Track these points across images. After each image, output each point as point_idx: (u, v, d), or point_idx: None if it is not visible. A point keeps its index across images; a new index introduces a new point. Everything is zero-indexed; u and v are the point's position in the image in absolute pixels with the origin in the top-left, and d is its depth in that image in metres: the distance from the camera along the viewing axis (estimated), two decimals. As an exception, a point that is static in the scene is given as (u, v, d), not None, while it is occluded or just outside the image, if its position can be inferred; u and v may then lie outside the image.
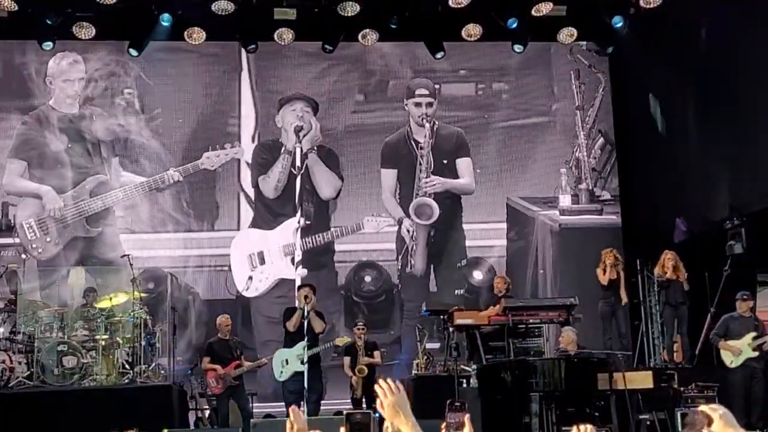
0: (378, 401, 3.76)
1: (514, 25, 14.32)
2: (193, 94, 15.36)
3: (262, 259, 14.91)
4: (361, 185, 15.46)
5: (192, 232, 15.00)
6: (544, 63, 15.91)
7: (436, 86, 15.76)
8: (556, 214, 15.57)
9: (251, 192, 15.22)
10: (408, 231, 15.25)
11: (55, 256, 14.46)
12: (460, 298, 14.66)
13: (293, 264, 14.46)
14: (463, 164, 15.62)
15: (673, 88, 13.97)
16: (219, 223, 15.17)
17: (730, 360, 11.01)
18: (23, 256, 14.14)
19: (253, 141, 15.39)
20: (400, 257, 15.29)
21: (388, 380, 3.81)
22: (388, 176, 15.50)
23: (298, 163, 11.94)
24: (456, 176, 15.59)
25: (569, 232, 15.49)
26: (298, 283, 13.62)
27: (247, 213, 15.25)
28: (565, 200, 15.67)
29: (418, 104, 15.60)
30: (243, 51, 15.23)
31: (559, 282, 15.24)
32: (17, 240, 14.37)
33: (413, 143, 15.55)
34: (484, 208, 15.59)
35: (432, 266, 15.30)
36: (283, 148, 15.06)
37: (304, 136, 14.70)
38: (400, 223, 15.25)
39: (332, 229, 15.13)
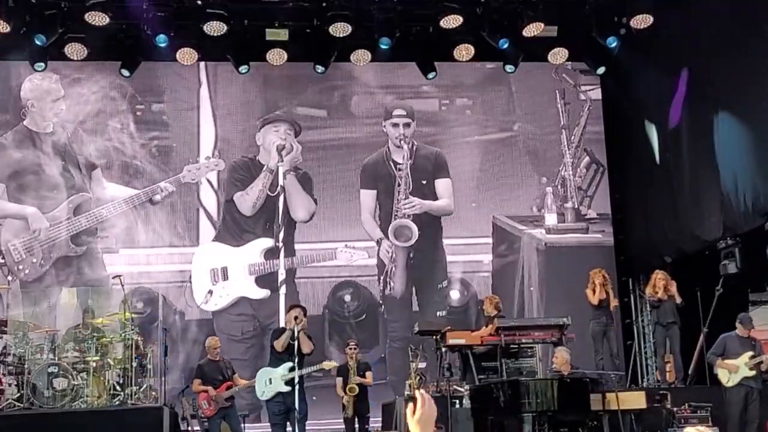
0: (409, 410, 3.78)
1: (506, 46, 14.37)
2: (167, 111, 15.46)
3: (225, 275, 14.88)
4: (328, 204, 15.39)
5: (171, 247, 14.96)
6: (508, 79, 15.89)
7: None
8: (542, 233, 15.59)
9: (213, 208, 15.17)
10: (387, 252, 15.25)
11: (42, 277, 14.39)
12: (442, 320, 14.56)
13: (257, 284, 14.66)
14: (442, 185, 15.65)
15: (665, 106, 14.01)
16: (179, 239, 15.09)
17: (726, 378, 10.99)
18: (9, 278, 14.08)
19: (213, 157, 15.30)
20: (381, 278, 15.28)
21: (422, 391, 3.84)
22: (368, 197, 15.49)
23: (280, 182, 11.96)
24: (435, 197, 15.61)
25: (555, 250, 15.52)
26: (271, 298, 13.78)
27: (206, 228, 15.17)
28: (551, 219, 15.70)
29: (395, 125, 15.65)
30: (202, 65, 15.25)
31: (545, 301, 15.24)
32: (1, 262, 14.30)
33: (392, 164, 15.56)
34: (463, 225, 15.58)
35: (414, 288, 15.28)
36: (265, 167, 15.07)
37: (286, 155, 14.82)
38: (378, 244, 15.25)
39: (301, 255, 15.06)
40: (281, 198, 11.86)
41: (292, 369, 10.91)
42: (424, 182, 15.57)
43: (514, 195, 15.77)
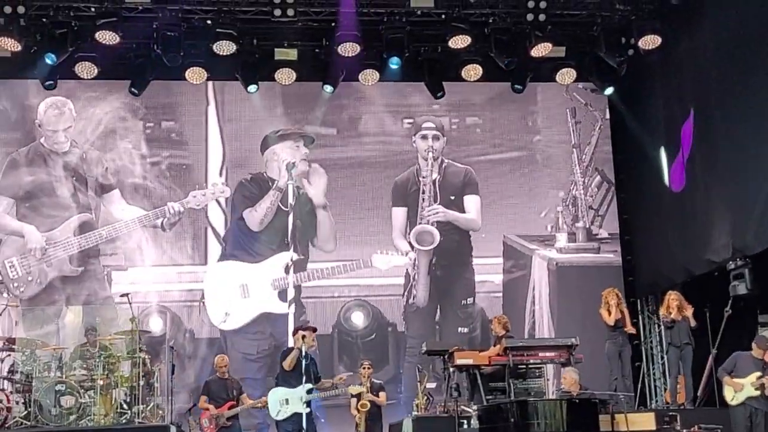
0: None
1: (512, 66, 14.40)
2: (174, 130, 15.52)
3: (245, 291, 14.84)
4: (344, 223, 15.45)
5: (177, 267, 14.96)
6: (520, 98, 15.87)
7: (410, 120, 15.86)
8: (553, 253, 15.55)
9: (221, 226, 15.20)
10: (410, 260, 15.26)
11: (37, 296, 14.38)
12: (461, 336, 14.55)
13: (280, 298, 14.56)
14: (471, 201, 15.63)
15: (675, 127, 14.01)
16: (187, 258, 15.07)
17: (731, 396, 10.94)
18: (4, 295, 14.11)
19: (220, 175, 15.37)
20: (405, 292, 15.24)
21: None
22: (398, 215, 15.51)
23: (290, 200, 11.97)
24: (463, 212, 15.59)
25: (566, 270, 15.46)
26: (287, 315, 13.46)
27: (215, 248, 15.17)
28: (562, 238, 15.66)
29: (424, 137, 15.70)
30: (210, 84, 15.29)
31: (556, 321, 15.18)
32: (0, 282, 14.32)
33: (421, 180, 15.61)
34: (478, 245, 15.57)
35: (438, 306, 15.23)
36: (274, 184, 15.09)
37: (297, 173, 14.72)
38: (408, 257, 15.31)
39: (335, 264, 15.04)
40: (291, 216, 11.82)
41: (310, 391, 10.93)
42: (453, 198, 15.60)
43: (526, 214, 15.74)
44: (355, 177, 15.66)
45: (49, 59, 13.62)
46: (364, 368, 12.44)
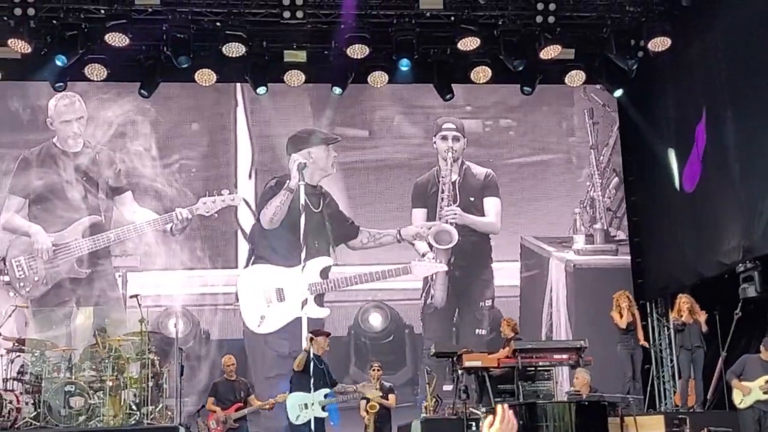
0: (487, 422, 3.77)
1: (521, 68, 14.39)
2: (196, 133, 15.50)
3: (280, 296, 14.74)
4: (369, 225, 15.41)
5: (195, 270, 14.92)
6: (555, 99, 15.93)
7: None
8: (570, 254, 15.45)
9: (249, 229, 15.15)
10: (429, 260, 15.20)
11: (43, 296, 14.39)
12: (479, 338, 14.50)
13: (316, 302, 14.58)
14: (490, 203, 15.60)
15: (685, 128, 13.98)
16: (220, 261, 15.07)
17: (739, 399, 10.91)
18: (10, 294, 14.15)
19: (249, 177, 15.39)
20: (423, 293, 15.20)
21: (505, 406, 3.83)
22: (418, 216, 15.47)
23: (302, 201, 11.96)
24: (482, 215, 15.55)
25: (584, 272, 15.35)
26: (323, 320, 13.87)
27: (245, 251, 15.14)
28: (579, 240, 15.55)
29: (444, 138, 15.68)
30: (238, 86, 15.32)
31: (574, 323, 15.07)
32: (6, 278, 14.35)
33: (440, 180, 15.58)
34: (497, 248, 15.50)
35: (457, 308, 15.19)
36: (286, 184, 15.04)
37: (312, 172, 14.80)
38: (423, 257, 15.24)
39: (374, 269, 14.99)
40: (302, 217, 11.77)
41: (327, 395, 11.07)
42: (472, 199, 15.56)
43: (547, 217, 15.66)
44: (390, 178, 15.67)
45: (60, 61, 13.66)
46: (374, 370, 12.48)
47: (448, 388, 12.95)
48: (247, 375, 13.95)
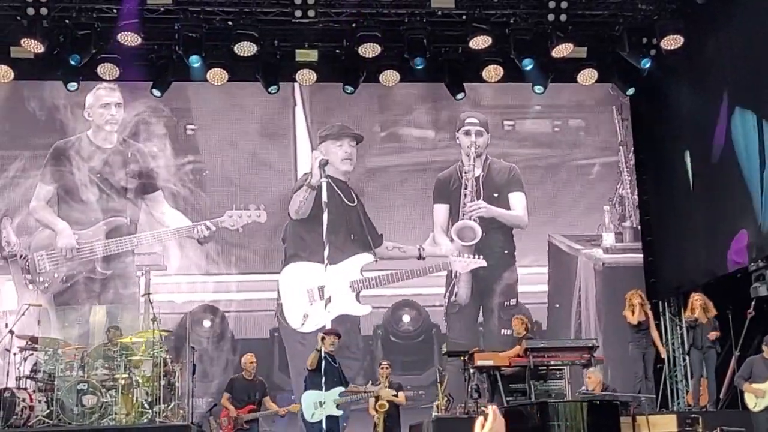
0: (479, 422, 3.83)
1: (529, 67, 14.34)
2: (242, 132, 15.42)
3: (321, 293, 14.49)
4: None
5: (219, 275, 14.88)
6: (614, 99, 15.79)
7: (510, 123, 15.68)
8: (599, 253, 15.26)
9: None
10: (451, 255, 15.08)
11: (60, 293, 14.42)
12: (505, 339, 14.24)
13: (358, 300, 14.61)
14: (516, 198, 15.42)
15: (699, 128, 13.92)
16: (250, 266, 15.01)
17: (753, 403, 10.84)
18: (29, 287, 14.23)
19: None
20: (447, 291, 15.05)
21: (494, 407, 3.89)
22: (440, 211, 15.31)
23: (324, 198, 11.82)
24: (507, 209, 15.39)
25: (613, 271, 15.17)
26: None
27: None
28: (608, 238, 15.39)
29: (467, 133, 15.53)
30: (296, 85, 15.20)
31: (603, 322, 14.92)
32: (25, 267, 14.37)
33: (463, 175, 15.43)
34: (529, 247, 15.33)
35: (481, 307, 15.05)
36: (307, 180, 14.93)
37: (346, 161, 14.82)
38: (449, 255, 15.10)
39: (412, 268, 14.86)
40: (325, 214, 11.61)
41: (342, 394, 11.14)
42: (496, 195, 15.39)
43: (575, 215, 15.52)
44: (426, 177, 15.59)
45: (74, 60, 13.70)
46: (383, 368, 12.46)
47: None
48: (272, 374, 14.00)
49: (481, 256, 15.08)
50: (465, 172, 15.38)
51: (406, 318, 15.00)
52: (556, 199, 15.58)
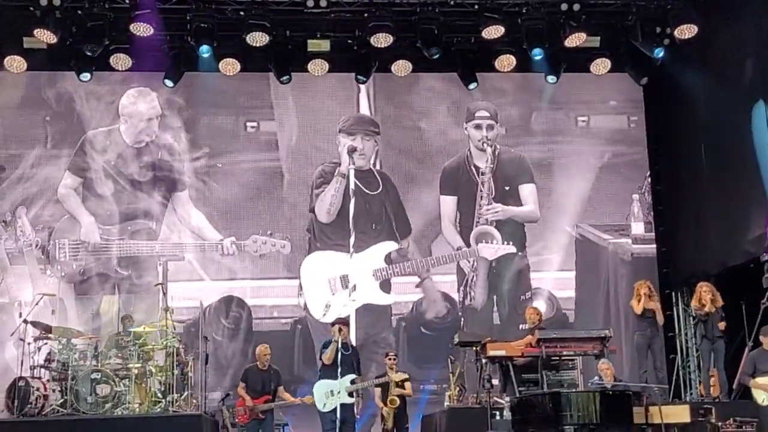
0: None
1: (538, 57, 14.27)
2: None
3: (345, 283, 14.37)
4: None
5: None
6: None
7: (583, 119, 15.47)
8: (628, 243, 15.08)
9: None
10: (468, 261, 14.85)
11: (77, 284, 14.46)
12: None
13: (382, 289, 14.45)
14: (527, 190, 15.15)
15: (713, 117, 13.86)
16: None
17: (761, 398, 10.82)
18: (47, 272, 14.32)
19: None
20: (461, 289, 14.84)
21: None
22: (448, 204, 15.05)
23: (352, 186, 11.69)
24: (519, 203, 15.13)
25: (642, 261, 15.00)
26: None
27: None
28: (638, 228, 15.23)
29: (478, 126, 15.25)
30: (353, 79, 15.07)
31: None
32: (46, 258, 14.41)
33: (473, 169, 15.15)
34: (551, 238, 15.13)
35: (495, 298, 14.86)
36: (336, 170, 14.84)
37: (359, 156, 14.57)
38: (458, 252, 14.86)
39: (439, 254, 14.76)
40: (352, 202, 11.48)
41: (353, 381, 11.15)
42: (507, 188, 15.10)
43: (603, 203, 15.39)
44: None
45: (90, 51, 13.70)
46: (389, 359, 12.44)
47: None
48: (295, 367, 14.10)
49: (461, 248, 14.91)
50: (482, 173, 15.08)
51: (442, 309, 14.75)
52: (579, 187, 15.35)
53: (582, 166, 15.49)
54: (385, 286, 14.71)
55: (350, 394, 11.20)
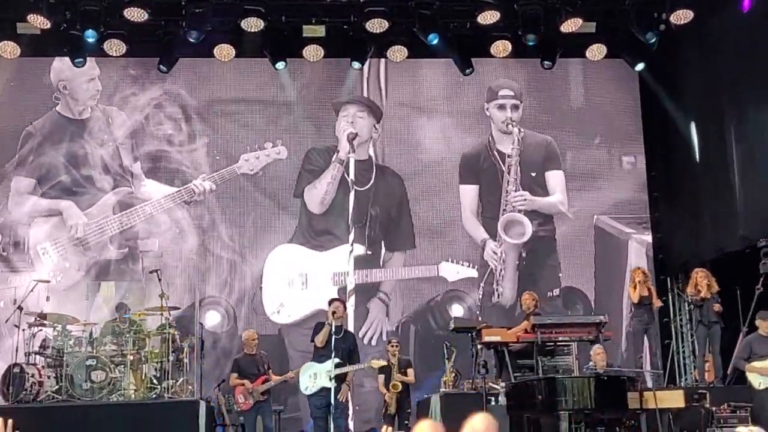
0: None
1: (532, 42, 14.22)
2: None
3: (304, 282, 13.63)
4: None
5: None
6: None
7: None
8: (650, 236, 14.65)
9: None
10: (495, 253, 13.92)
11: (78, 284, 13.91)
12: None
13: (339, 295, 13.06)
14: (555, 178, 14.28)
15: (708, 102, 13.83)
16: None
17: (758, 382, 10.83)
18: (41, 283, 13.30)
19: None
20: (482, 285, 14.00)
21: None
22: (469, 193, 14.10)
23: (351, 175, 10.93)
24: (545, 191, 14.30)
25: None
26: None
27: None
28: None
29: (501, 107, 14.40)
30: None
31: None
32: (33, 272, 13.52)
33: (496, 154, 14.23)
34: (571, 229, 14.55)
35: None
36: (334, 156, 14.10)
37: (359, 144, 13.87)
38: (483, 245, 14.00)
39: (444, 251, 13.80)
40: (352, 193, 10.80)
41: (338, 365, 10.90)
42: (533, 174, 14.17)
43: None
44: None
45: (90, 36, 13.55)
46: (392, 346, 12.47)
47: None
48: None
49: (486, 241, 13.96)
50: (508, 156, 13.98)
51: (456, 311, 14.03)
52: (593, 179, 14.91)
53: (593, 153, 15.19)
54: (342, 292, 13.62)
55: (334, 379, 10.81)
